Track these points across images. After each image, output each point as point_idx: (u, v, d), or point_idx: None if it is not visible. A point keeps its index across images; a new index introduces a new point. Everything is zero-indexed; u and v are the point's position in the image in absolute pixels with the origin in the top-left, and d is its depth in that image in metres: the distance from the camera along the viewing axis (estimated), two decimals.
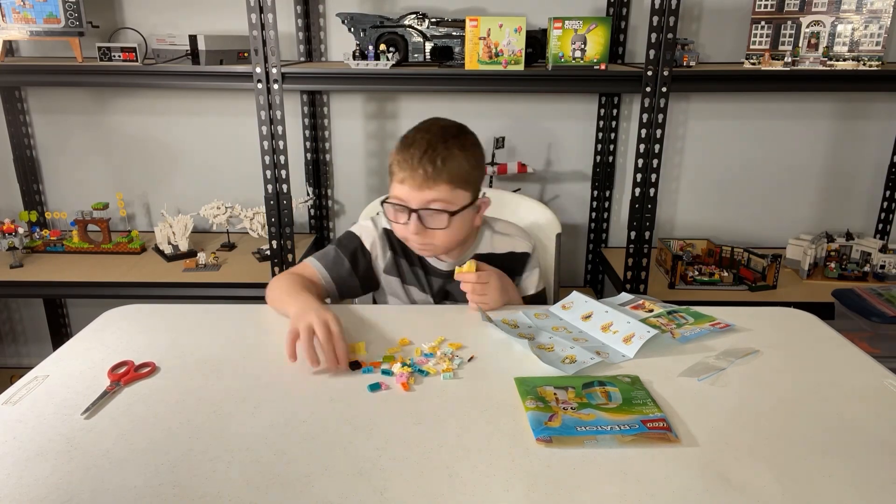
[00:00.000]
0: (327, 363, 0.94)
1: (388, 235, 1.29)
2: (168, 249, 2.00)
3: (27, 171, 2.19)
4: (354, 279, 1.27)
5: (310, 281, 1.22)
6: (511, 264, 1.30)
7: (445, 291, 1.30)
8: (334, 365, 0.94)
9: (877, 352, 1.17)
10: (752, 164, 2.20)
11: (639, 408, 0.84)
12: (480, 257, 1.26)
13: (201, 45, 1.73)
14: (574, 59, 1.72)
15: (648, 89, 1.67)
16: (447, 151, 1.14)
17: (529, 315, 1.14)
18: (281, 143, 1.70)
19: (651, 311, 1.15)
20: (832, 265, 1.95)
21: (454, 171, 1.14)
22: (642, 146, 1.71)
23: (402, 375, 0.91)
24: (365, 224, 1.31)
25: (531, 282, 1.32)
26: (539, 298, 1.33)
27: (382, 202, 1.19)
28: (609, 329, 1.06)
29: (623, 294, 1.24)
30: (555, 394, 0.87)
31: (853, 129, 2.16)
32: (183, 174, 2.24)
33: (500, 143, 1.98)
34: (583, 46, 1.71)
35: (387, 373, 0.94)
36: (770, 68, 1.78)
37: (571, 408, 0.84)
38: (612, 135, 2.16)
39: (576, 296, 1.18)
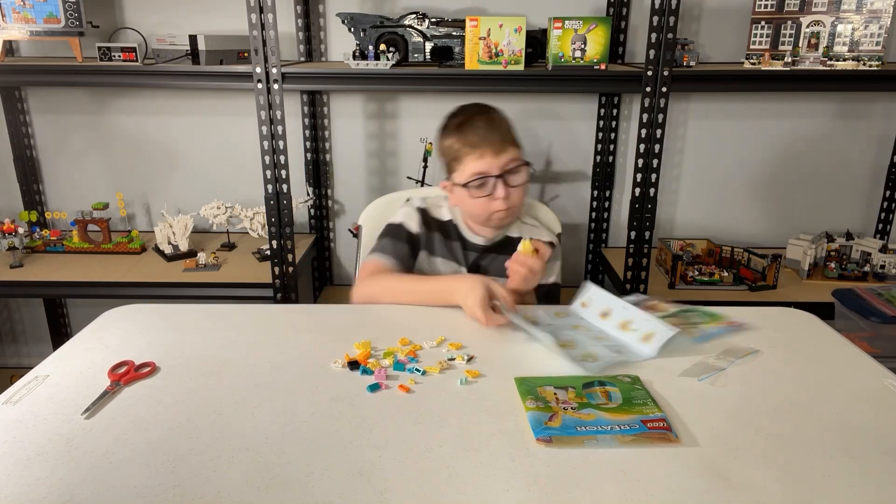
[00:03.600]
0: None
1: (422, 214, 1.39)
2: (168, 249, 2.00)
3: (27, 171, 2.19)
4: (411, 262, 1.36)
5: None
6: None
7: (478, 265, 1.38)
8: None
9: (877, 352, 1.17)
10: (752, 164, 2.20)
11: (639, 408, 0.84)
12: (511, 240, 1.35)
13: (201, 45, 1.73)
14: (574, 59, 1.72)
15: (648, 89, 1.67)
16: (500, 117, 1.30)
17: (549, 313, 1.14)
18: (281, 143, 1.70)
19: (663, 311, 1.14)
20: (832, 265, 1.95)
21: (512, 131, 1.30)
22: (642, 146, 1.71)
23: (382, 371, 0.93)
24: (404, 210, 1.39)
25: (552, 271, 1.37)
26: (554, 290, 1.38)
27: (465, 185, 1.26)
28: (629, 327, 1.06)
29: (634, 295, 1.23)
30: (555, 394, 0.87)
31: (853, 129, 2.16)
32: (183, 174, 2.24)
33: None
34: (583, 46, 1.71)
35: (367, 371, 0.95)
36: (770, 68, 1.78)
37: (571, 408, 0.84)
38: (612, 135, 2.16)
39: (592, 291, 1.15)
